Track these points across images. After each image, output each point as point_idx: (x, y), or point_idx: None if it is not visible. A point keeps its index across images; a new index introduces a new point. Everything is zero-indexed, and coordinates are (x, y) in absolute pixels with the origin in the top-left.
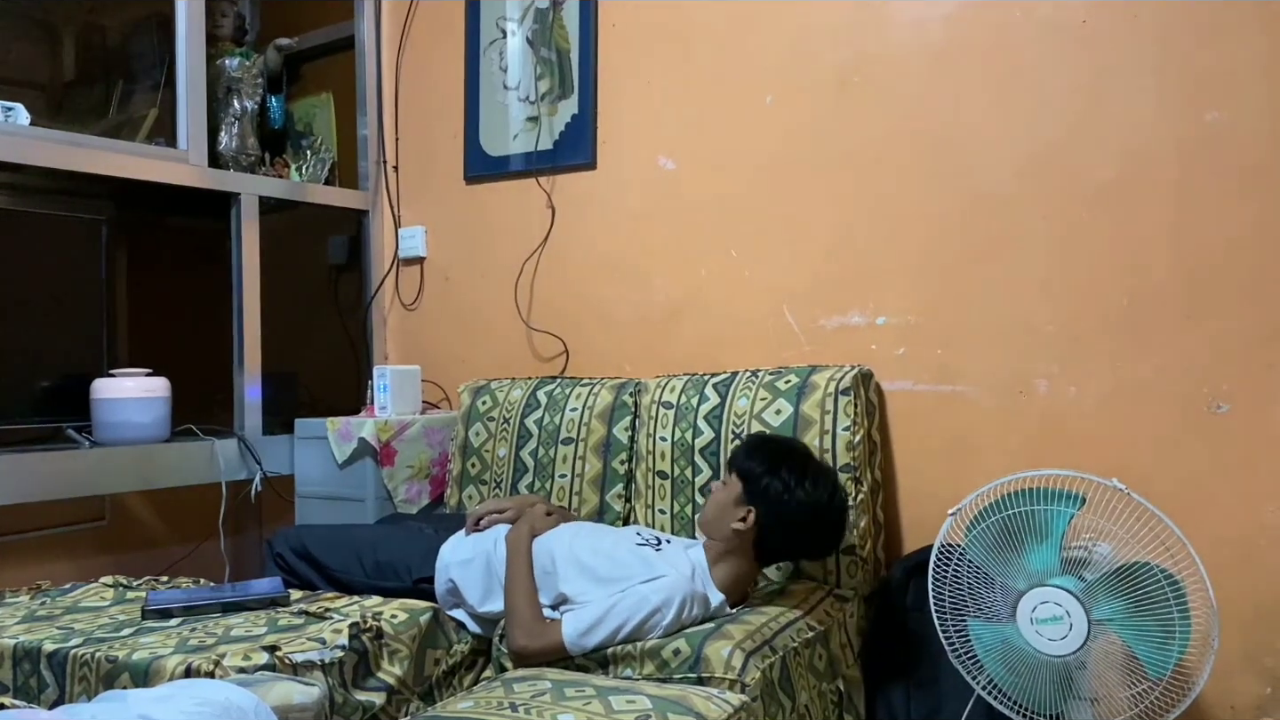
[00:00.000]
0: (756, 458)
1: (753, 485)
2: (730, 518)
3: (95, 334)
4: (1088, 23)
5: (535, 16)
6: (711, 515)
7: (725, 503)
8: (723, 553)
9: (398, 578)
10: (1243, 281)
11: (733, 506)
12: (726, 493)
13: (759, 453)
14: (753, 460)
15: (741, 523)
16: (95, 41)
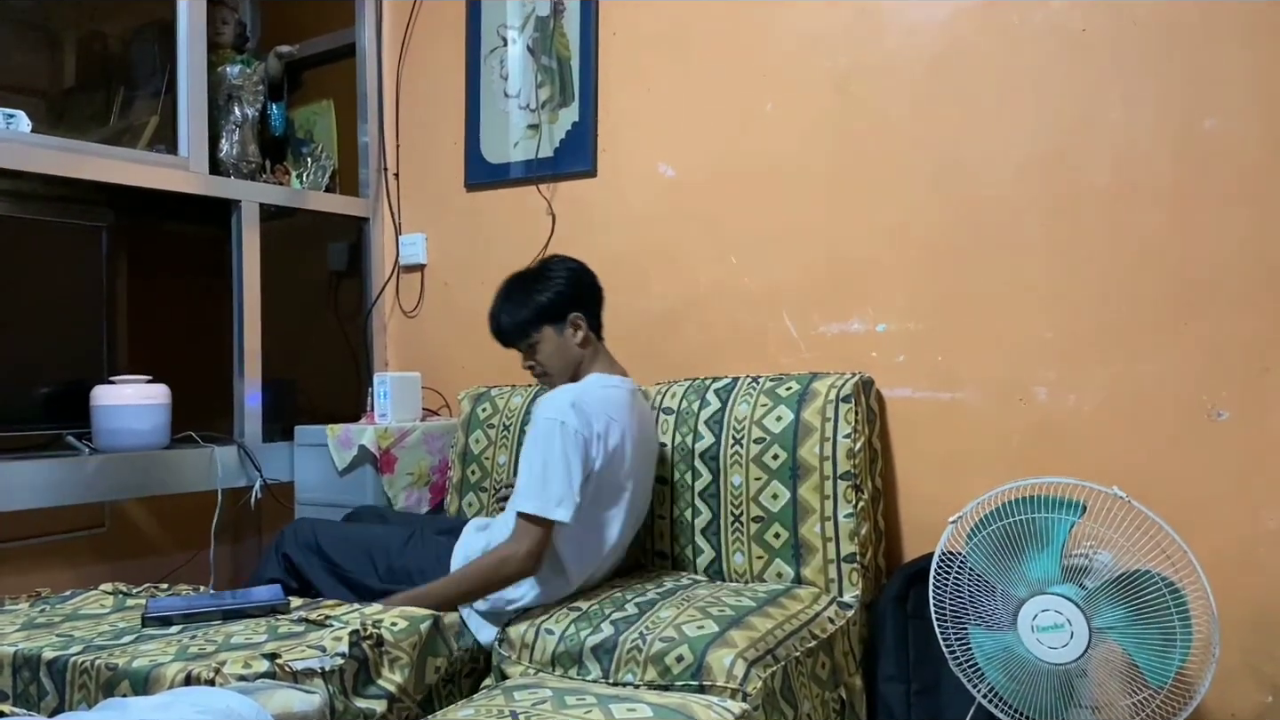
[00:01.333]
0: (525, 303)
1: (549, 313)
2: (570, 346)
3: (95, 341)
4: (1086, 30)
5: (536, 24)
6: (558, 365)
7: (556, 347)
8: (579, 369)
9: (411, 583)
10: (1241, 288)
11: (561, 340)
12: (549, 343)
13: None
14: (528, 309)
15: (577, 331)
16: (96, 48)
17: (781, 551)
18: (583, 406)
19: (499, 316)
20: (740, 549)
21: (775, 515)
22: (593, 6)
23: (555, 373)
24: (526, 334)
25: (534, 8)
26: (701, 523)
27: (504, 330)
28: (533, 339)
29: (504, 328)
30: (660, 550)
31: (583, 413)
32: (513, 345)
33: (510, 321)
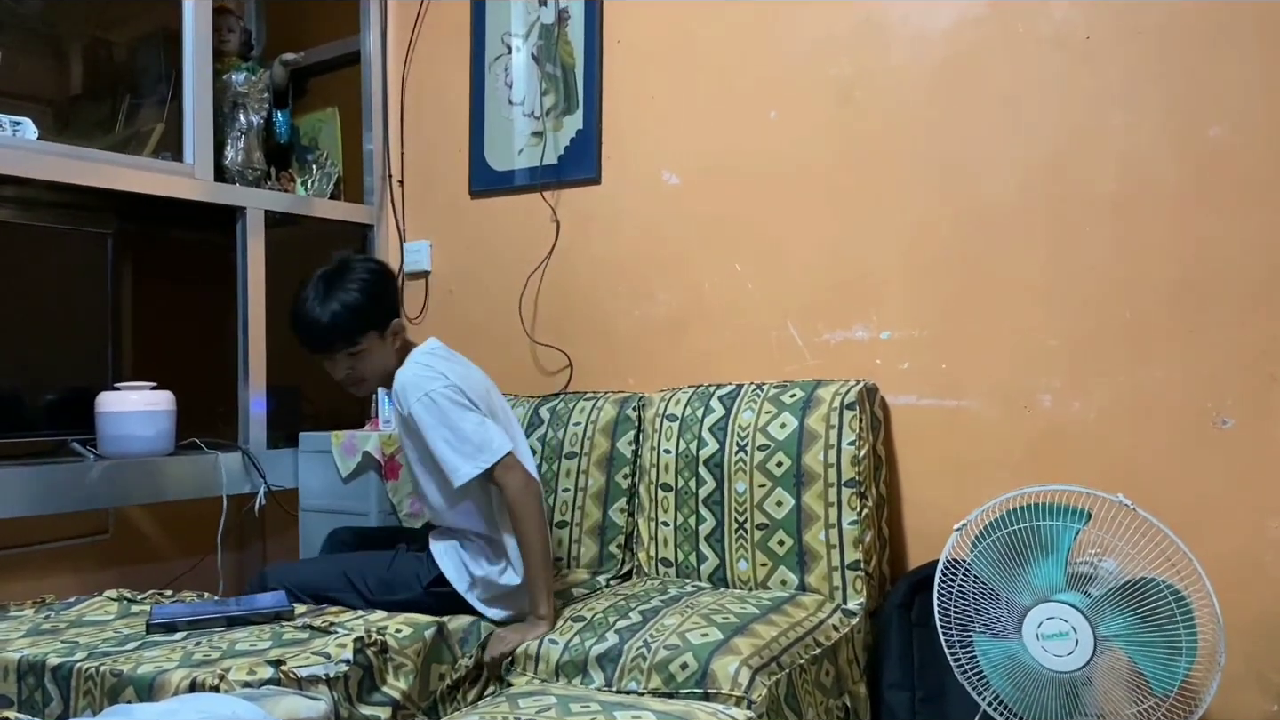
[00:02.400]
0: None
1: (373, 318)
2: (390, 352)
3: (100, 347)
4: (1090, 38)
5: (540, 32)
6: (379, 373)
7: (380, 354)
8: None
9: (408, 588)
10: (1245, 295)
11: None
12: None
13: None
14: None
15: (396, 338)
16: (102, 56)
17: (786, 559)
18: (431, 371)
19: (318, 318)
20: (744, 556)
21: (779, 522)
22: (597, 14)
23: (372, 380)
24: (352, 340)
25: (538, 15)
26: (705, 530)
27: (325, 333)
28: (358, 345)
29: (324, 331)
30: (664, 557)
31: (436, 374)
32: (329, 351)
33: (332, 324)
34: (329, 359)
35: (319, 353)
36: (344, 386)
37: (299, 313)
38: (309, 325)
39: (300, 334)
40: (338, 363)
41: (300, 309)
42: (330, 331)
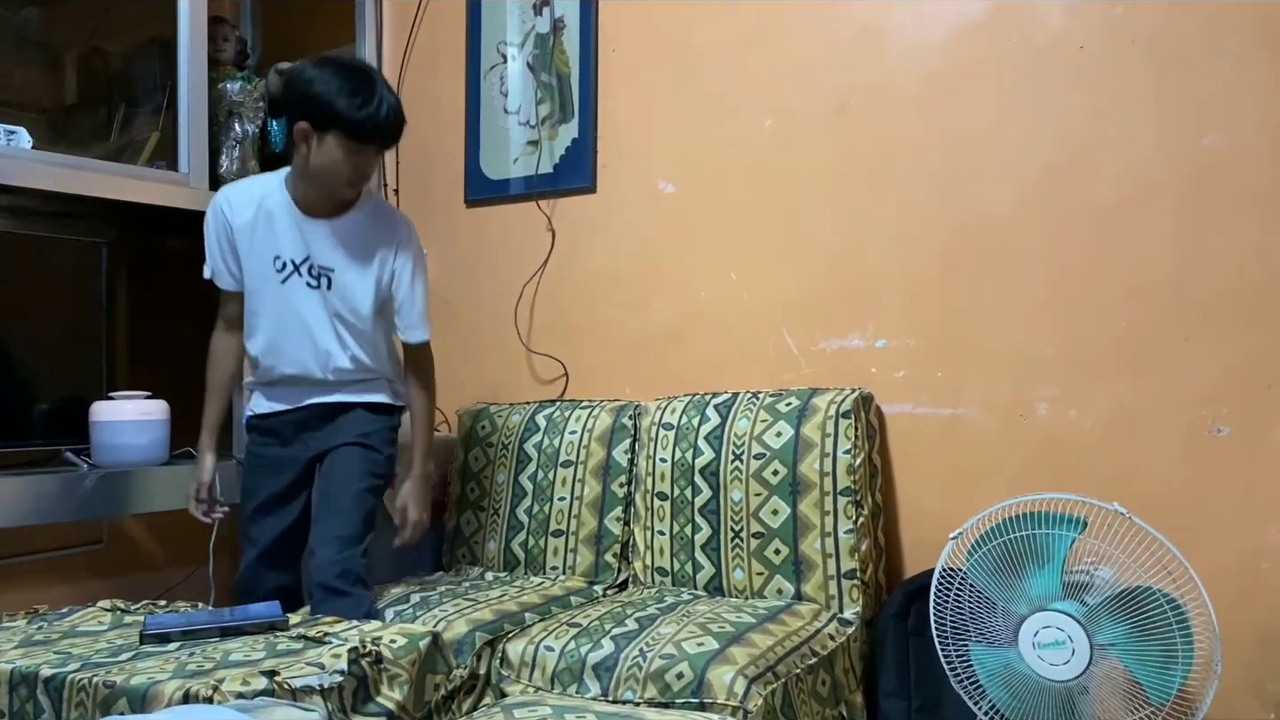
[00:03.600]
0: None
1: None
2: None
3: (95, 356)
4: (1085, 48)
5: (536, 41)
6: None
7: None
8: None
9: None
10: (1242, 304)
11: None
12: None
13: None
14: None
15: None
16: (97, 65)
17: (782, 568)
18: None
19: (398, 109)
20: (740, 565)
21: (775, 531)
22: (592, 23)
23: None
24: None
25: (534, 25)
26: (701, 538)
27: (400, 128)
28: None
29: (400, 125)
30: (660, 566)
31: None
32: (391, 145)
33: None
34: (375, 155)
35: (388, 147)
36: (350, 186)
37: (394, 106)
38: (392, 111)
39: (393, 126)
40: (374, 159)
41: (391, 100)
42: (400, 125)
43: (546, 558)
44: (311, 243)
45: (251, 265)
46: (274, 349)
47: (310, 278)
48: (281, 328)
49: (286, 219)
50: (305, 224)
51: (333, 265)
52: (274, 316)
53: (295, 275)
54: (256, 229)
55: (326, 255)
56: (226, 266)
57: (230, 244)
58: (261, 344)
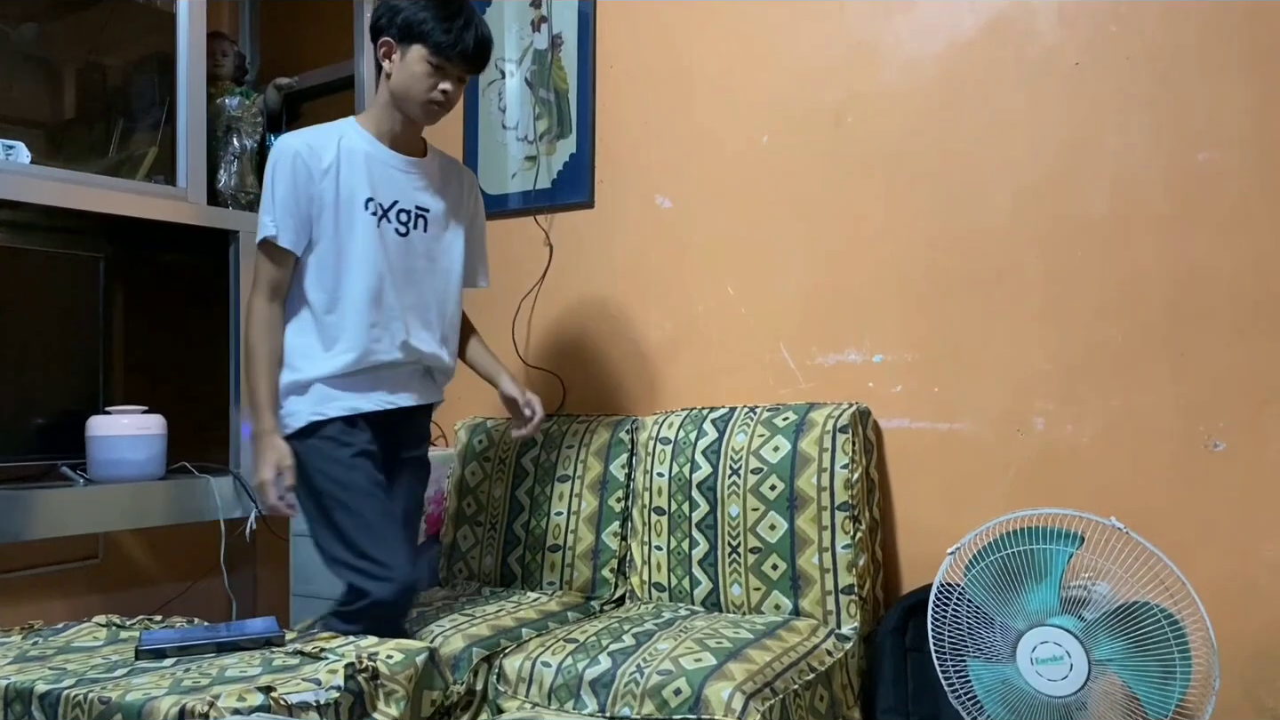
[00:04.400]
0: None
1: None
2: None
3: (92, 371)
4: (1080, 64)
5: (534, 58)
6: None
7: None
8: None
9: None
10: (1236, 318)
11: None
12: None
13: None
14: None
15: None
16: (96, 80)
17: (779, 583)
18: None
19: (488, 38)
20: (738, 580)
21: (773, 546)
22: (590, 40)
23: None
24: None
25: (532, 41)
26: (699, 554)
27: (486, 58)
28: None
29: (486, 55)
30: (657, 582)
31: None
32: (474, 72)
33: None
34: (460, 76)
35: (471, 71)
36: (427, 108)
37: (484, 34)
38: (481, 36)
39: (479, 51)
40: (458, 82)
41: (483, 29)
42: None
43: (543, 573)
44: (403, 182)
45: (338, 217)
46: (368, 318)
47: (399, 223)
48: (377, 288)
49: (375, 158)
50: (395, 161)
51: (427, 206)
52: (369, 274)
53: (386, 221)
54: (341, 172)
55: (420, 196)
56: (296, 221)
57: (308, 193)
58: (353, 315)
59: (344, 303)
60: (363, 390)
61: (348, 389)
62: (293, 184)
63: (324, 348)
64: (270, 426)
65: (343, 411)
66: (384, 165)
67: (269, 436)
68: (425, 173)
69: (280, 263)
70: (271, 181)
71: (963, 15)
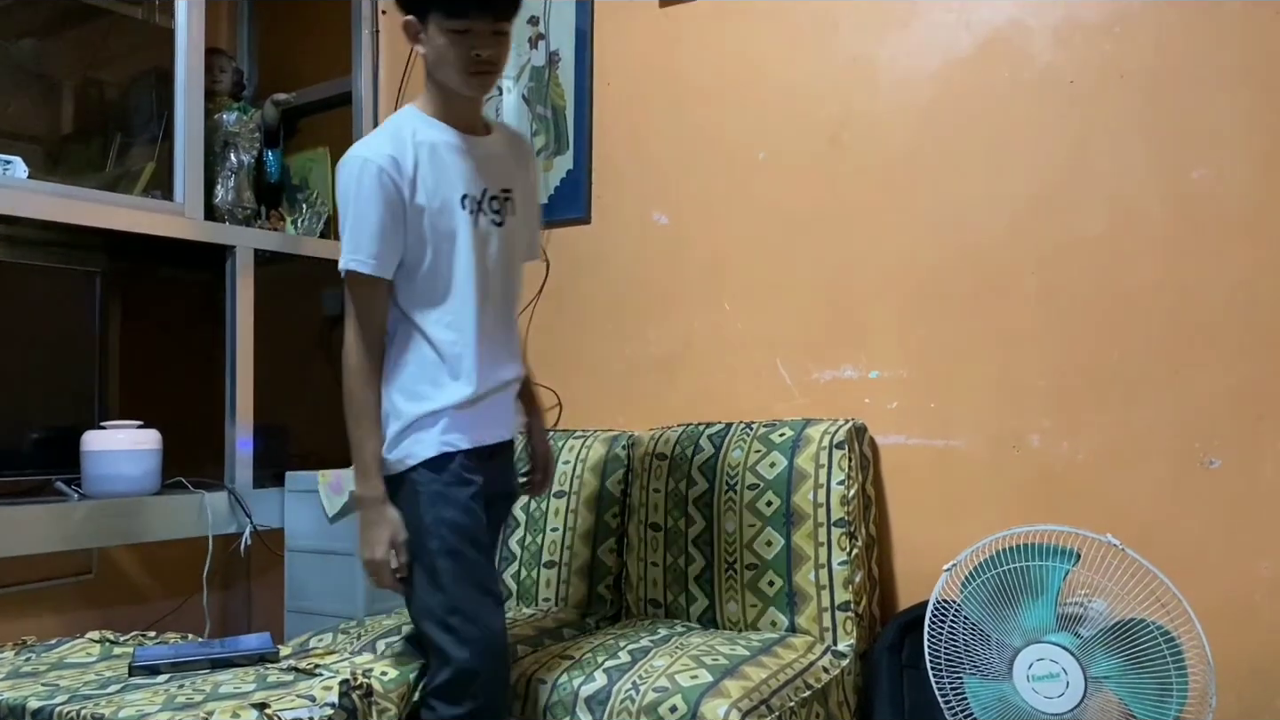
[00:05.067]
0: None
1: None
2: None
3: (87, 386)
4: (1075, 82)
5: (531, 74)
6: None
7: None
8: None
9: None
10: (1231, 336)
11: None
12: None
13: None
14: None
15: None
16: (94, 95)
17: (775, 600)
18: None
19: None
20: (734, 597)
21: (769, 563)
22: (587, 57)
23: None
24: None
25: (529, 58)
26: (695, 570)
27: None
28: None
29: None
30: (653, 598)
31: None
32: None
33: None
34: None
35: (500, 19)
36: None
37: None
38: None
39: None
40: (492, 39)
41: None
42: None
43: (539, 589)
44: (485, 165)
45: (436, 225)
46: (486, 332)
47: (492, 212)
48: (485, 295)
49: (453, 147)
50: (470, 144)
51: (510, 185)
52: (478, 280)
53: (481, 214)
54: (428, 173)
55: (502, 176)
56: (393, 247)
57: (403, 208)
58: (471, 332)
59: (460, 319)
60: (486, 418)
61: (475, 417)
62: (384, 205)
63: (451, 374)
64: (379, 493)
65: (470, 444)
66: (463, 152)
67: (379, 506)
68: (498, 149)
69: (380, 297)
70: (355, 205)
71: (958, 34)
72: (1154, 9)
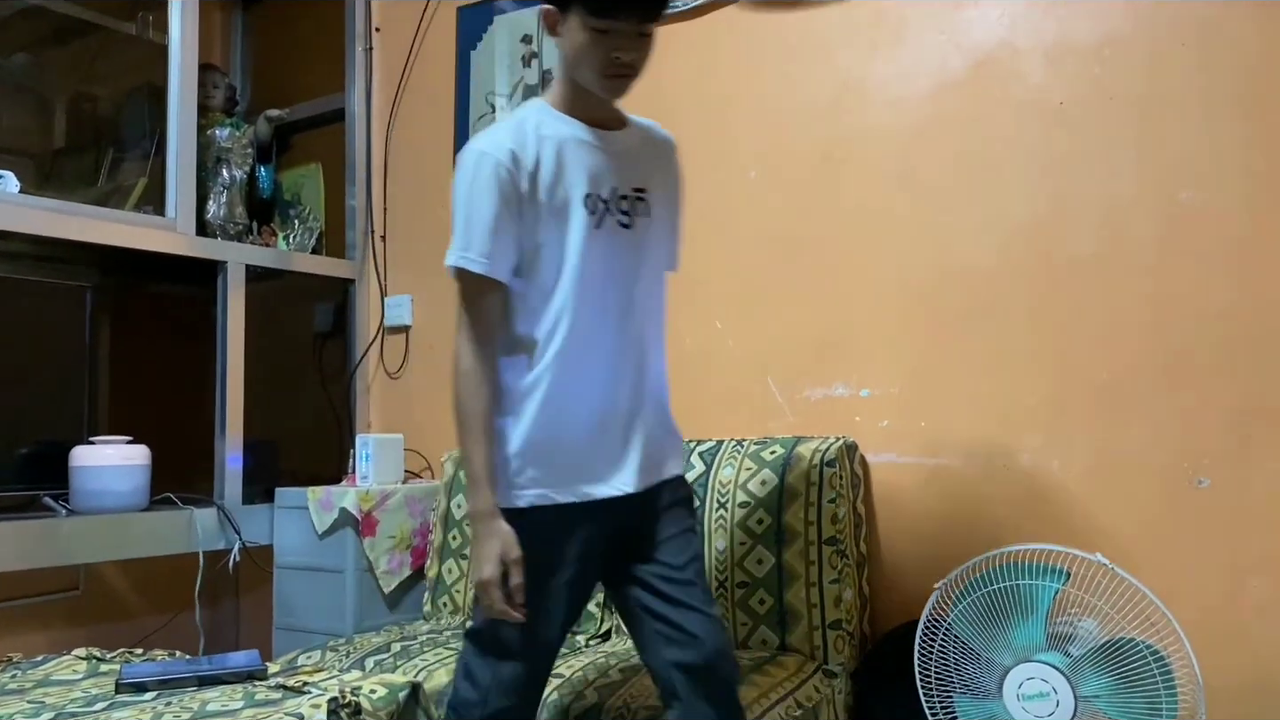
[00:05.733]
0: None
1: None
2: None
3: (77, 401)
4: (1064, 104)
5: (524, 92)
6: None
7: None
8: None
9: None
10: (1219, 356)
11: None
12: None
13: None
14: None
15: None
16: (86, 110)
17: (766, 618)
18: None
19: None
20: (725, 615)
21: (760, 581)
22: None
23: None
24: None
25: (522, 76)
26: None
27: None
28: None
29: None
30: None
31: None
32: (647, 21)
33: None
34: (637, 33)
35: (645, 22)
36: (603, 80)
37: None
38: None
39: None
40: (635, 41)
41: None
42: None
43: None
44: (615, 162)
45: (548, 222)
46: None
47: (620, 213)
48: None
49: (581, 141)
50: (600, 139)
51: (644, 184)
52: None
53: (608, 215)
54: (549, 169)
55: (634, 175)
56: (508, 246)
57: (519, 207)
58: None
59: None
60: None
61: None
62: (499, 201)
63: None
64: (491, 506)
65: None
66: (592, 147)
67: (491, 520)
68: (633, 145)
69: (493, 299)
70: (469, 200)
71: (949, 56)
72: (1143, 33)
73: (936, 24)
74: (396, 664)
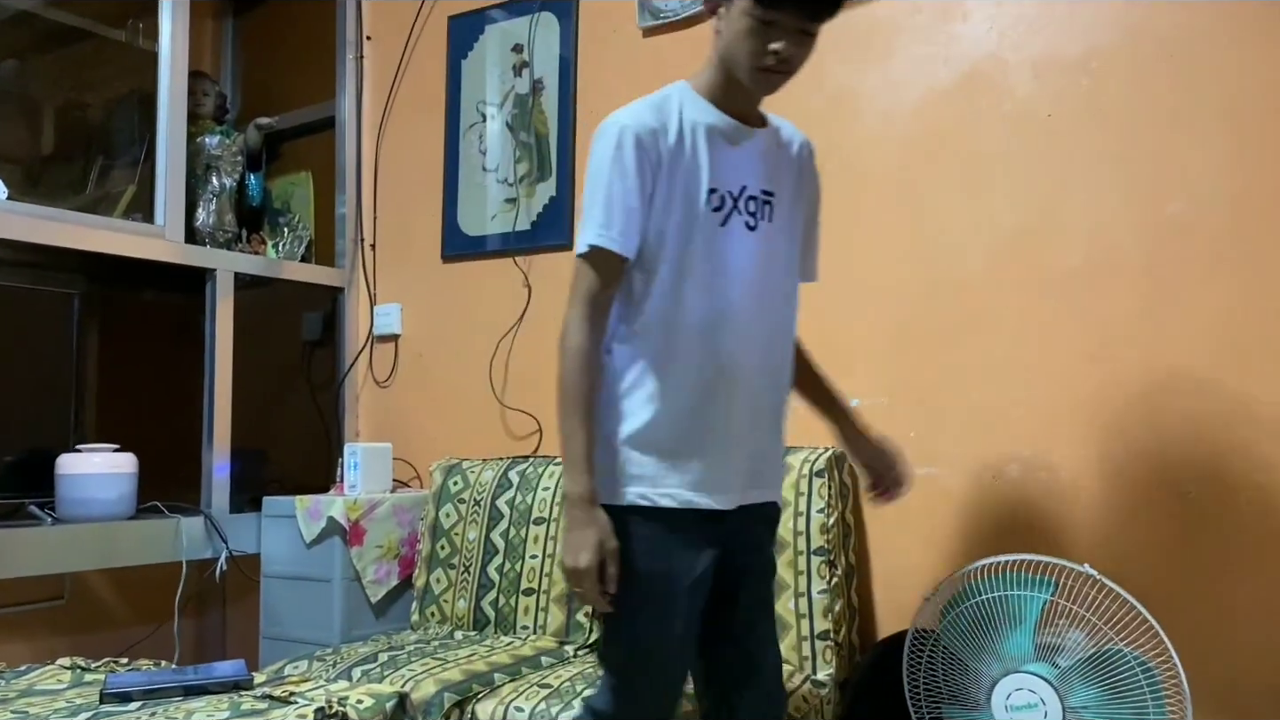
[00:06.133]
0: None
1: None
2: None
3: (64, 408)
4: (1052, 116)
5: (515, 101)
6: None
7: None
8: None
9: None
10: (1206, 368)
11: None
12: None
13: None
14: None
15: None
16: (75, 117)
17: None
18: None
19: None
20: None
21: None
22: (571, 85)
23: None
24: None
25: (513, 85)
26: None
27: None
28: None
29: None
30: None
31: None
32: (818, 19)
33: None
34: (800, 30)
35: (814, 20)
36: (773, 80)
37: None
38: None
39: None
40: (797, 37)
41: None
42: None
43: (517, 617)
44: (749, 161)
45: (670, 211)
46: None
47: (747, 214)
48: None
49: (719, 133)
50: (739, 134)
51: (774, 187)
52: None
53: (735, 214)
54: (683, 154)
55: (767, 177)
56: (637, 221)
57: (653, 182)
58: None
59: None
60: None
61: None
62: (636, 169)
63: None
64: (587, 490)
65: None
66: (729, 140)
67: (587, 506)
68: (770, 145)
69: (612, 274)
70: (609, 174)
71: (937, 68)
72: (1129, 46)
73: (926, 37)
74: (384, 674)
